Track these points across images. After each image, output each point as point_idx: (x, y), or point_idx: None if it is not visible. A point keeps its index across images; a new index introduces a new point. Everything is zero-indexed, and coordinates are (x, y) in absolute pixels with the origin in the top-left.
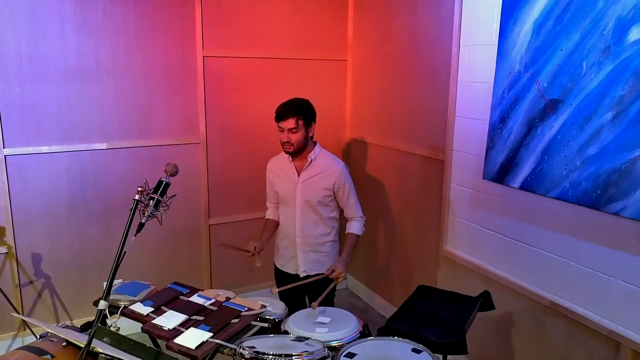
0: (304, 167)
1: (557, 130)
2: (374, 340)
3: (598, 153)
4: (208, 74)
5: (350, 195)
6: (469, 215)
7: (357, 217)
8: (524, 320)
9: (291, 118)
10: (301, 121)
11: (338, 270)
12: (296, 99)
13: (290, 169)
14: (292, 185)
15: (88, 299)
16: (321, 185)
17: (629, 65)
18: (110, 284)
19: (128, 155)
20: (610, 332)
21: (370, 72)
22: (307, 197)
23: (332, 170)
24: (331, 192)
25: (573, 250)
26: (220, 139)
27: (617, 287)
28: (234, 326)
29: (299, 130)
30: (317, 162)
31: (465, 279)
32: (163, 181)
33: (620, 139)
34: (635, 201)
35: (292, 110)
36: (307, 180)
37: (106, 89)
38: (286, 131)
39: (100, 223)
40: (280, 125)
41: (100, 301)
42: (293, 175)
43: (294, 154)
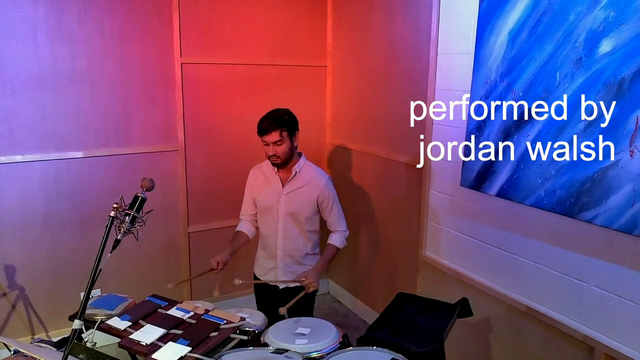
0: (288, 179)
1: (532, 139)
2: (354, 350)
3: (571, 162)
4: (186, 80)
5: (334, 209)
6: (447, 221)
7: (340, 231)
8: (501, 326)
9: (274, 131)
10: (285, 132)
11: (309, 280)
12: (276, 110)
13: (275, 179)
14: (276, 196)
15: (64, 310)
16: (305, 197)
17: (600, 77)
18: (86, 303)
19: (105, 164)
20: (585, 337)
21: (349, 79)
22: (290, 209)
23: (317, 182)
24: (315, 205)
25: (548, 257)
26: (199, 146)
27: (590, 293)
28: (213, 339)
29: (284, 141)
30: (301, 174)
31: (445, 285)
32: (139, 197)
33: (592, 149)
34: (606, 209)
35: (274, 123)
36: (291, 193)
37: (82, 97)
38: (271, 145)
39: (77, 233)
40: (264, 140)
41: (75, 320)
42: (277, 186)
43: (282, 165)
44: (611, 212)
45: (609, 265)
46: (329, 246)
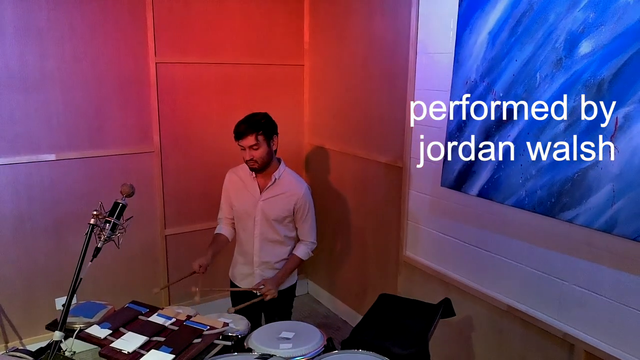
0: (267, 185)
1: (512, 139)
2: (339, 354)
3: (552, 162)
4: (161, 81)
5: (307, 219)
6: (427, 221)
7: (308, 242)
8: (483, 324)
9: (250, 135)
10: (261, 137)
11: (267, 287)
12: (253, 114)
13: (252, 184)
14: (253, 201)
15: (38, 317)
16: (282, 205)
17: (580, 78)
18: (66, 313)
19: (79, 166)
20: (565, 335)
21: (327, 78)
22: (267, 215)
23: (295, 191)
24: (291, 213)
25: (529, 256)
26: (174, 147)
27: (570, 291)
28: (196, 346)
29: (261, 146)
30: (281, 181)
31: (425, 284)
32: (119, 203)
33: (571, 149)
34: (586, 209)
35: (250, 127)
36: (269, 199)
37: (53, 98)
38: (247, 149)
39: (50, 238)
40: (240, 144)
41: (56, 332)
42: (255, 192)
43: (260, 170)
44: (591, 212)
45: (589, 264)
46: (293, 257)
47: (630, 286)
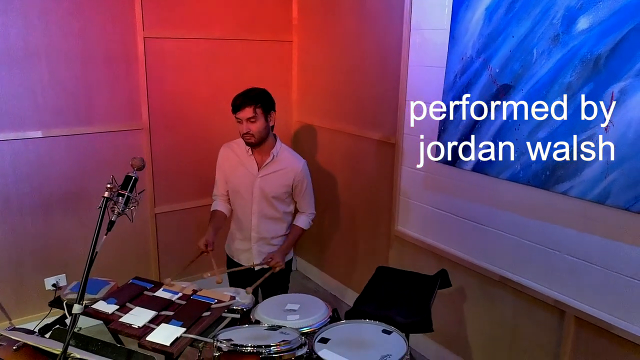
0: (265, 162)
1: (508, 114)
2: (346, 324)
3: (547, 136)
4: (149, 56)
5: (307, 193)
6: (420, 196)
7: (308, 213)
8: (475, 295)
9: (248, 107)
10: (259, 109)
11: (275, 260)
12: (252, 88)
13: (249, 161)
14: (251, 178)
15: (27, 297)
16: (281, 181)
17: (577, 54)
18: (84, 287)
19: (66, 144)
20: (556, 302)
21: (317, 54)
22: (265, 192)
23: (294, 167)
24: (289, 189)
25: (522, 228)
26: (163, 124)
27: (562, 261)
28: (206, 319)
29: (258, 119)
30: (279, 158)
31: (417, 258)
32: (132, 177)
33: (568, 123)
34: (580, 181)
35: (248, 99)
36: (266, 176)
37: (38, 73)
38: (244, 121)
39: (38, 217)
40: (238, 116)
41: (75, 305)
42: (252, 169)
43: (256, 145)
44: (585, 184)
45: (582, 234)
46: (295, 227)
47: (621, 254)
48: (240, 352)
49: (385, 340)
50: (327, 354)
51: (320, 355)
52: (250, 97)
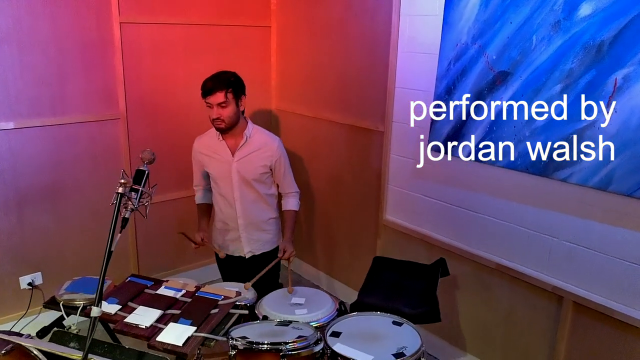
0: (239, 146)
1: (506, 100)
2: (355, 316)
3: (547, 123)
4: (126, 42)
5: (287, 171)
6: (409, 185)
7: (293, 192)
8: (469, 283)
9: (219, 92)
10: (230, 94)
11: (289, 251)
12: (222, 72)
13: (221, 148)
14: (226, 165)
15: (1, 297)
16: (258, 162)
17: (579, 40)
18: (102, 288)
19: (40, 135)
20: (554, 288)
21: (297, 40)
22: (243, 175)
23: (269, 146)
24: (268, 169)
25: (519, 215)
26: (141, 113)
27: (560, 247)
28: (215, 317)
29: (229, 104)
30: (252, 139)
31: (407, 247)
32: (145, 171)
33: (569, 110)
34: (581, 168)
35: (219, 83)
36: (243, 159)
37: (9, 61)
38: (215, 107)
39: (12, 213)
40: (208, 101)
41: (93, 308)
42: (226, 155)
43: (226, 130)
44: (586, 170)
45: (580, 220)
46: (288, 213)
47: (622, 239)
48: (256, 350)
49: (398, 332)
50: (342, 349)
51: (335, 350)
52: (221, 81)
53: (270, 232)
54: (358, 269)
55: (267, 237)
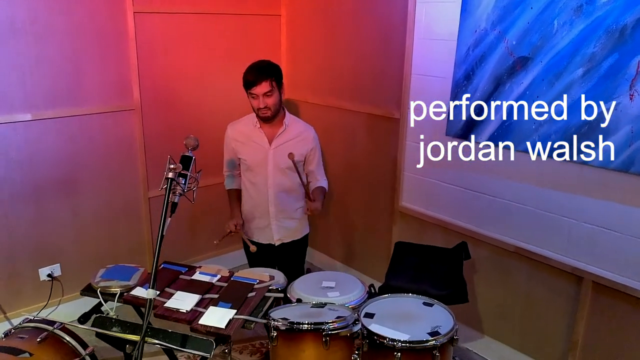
0: (277, 134)
1: (526, 86)
2: (386, 298)
3: (568, 107)
4: (139, 32)
5: (319, 162)
6: (426, 171)
7: (322, 180)
8: (486, 266)
9: (264, 82)
10: (274, 82)
11: (314, 206)
12: (261, 61)
13: (258, 135)
14: (263, 152)
15: (21, 289)
16: (295, 151)
17: (602, 24)
18: (155, 273)
19: (56, 127)
20: (574, 269)
21: (309, 28)
22: (279, 164)
23: (306, 135)
24: (302, 158)
25: (538, 199)
26: (155, 103)
27: (580, 229)
28: (252, 300)
29: (274, 92)
30: (289, 127)
31: (424, 232)
32: (191, 157)
33: (591, 94)
34: (602, 151)
35: (263, 73)
36: (279, 147)
37: (26, 52)
38: (261, 96)
39: (30, 205)
40: (253, 92)
41: (149, 290)
42: (263, 142)
43: (271, 119)
44: (607, 152)
45: (601, 202)
46: (318, 187)
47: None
48: (297, 330)
49: (429, 312)
50: (378, 328)
51: (371, 330)
52: (264, 71)
53: (300, 221)
54: (374, 256)
55: (297, 225)
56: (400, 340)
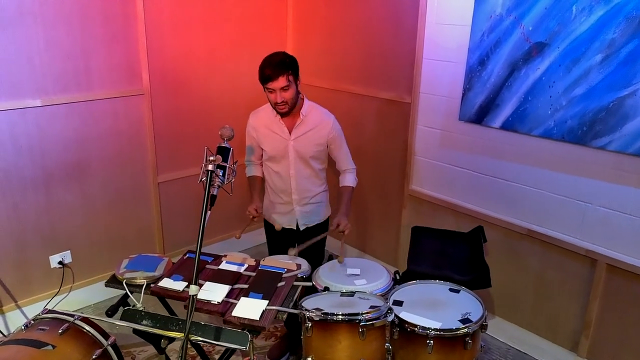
0: (295, 124)
1: (542, 72)
2: (413, 285)
3: (585, 93)
4: (147, 13)
5: (342, 147)
6: (437, 155)
7: (350, 169)
8: (498, 248)
9: (281, 76)
10: (291, 77)
11: (343, 223)
12: (275, 54)
13: (279, 126)
14: (283, 143)
15: (31, 277)
16: (314, 140)
17: (621, 10)
18: (197, 267)
19: (66, 112)
20: (587, 252)
21: (316, 10)
22: (300, 153)
23: (325, 124)
24: (324, 147)
25: (552, 182)
26: (164, 87)
27: (594, 212)
28: (282, 290)
29: (291, 86)
30: (308, 117)
31: (434, 216)
32: (229, 148)
33: (609, 79)
34: (621, 135)
35: (279, 68)
36: (299, 137)
37: (34, 36)
38: (278, 91)
39: (40, 191)
40: (270, 87)
41: (191, 286)
42: (283, 133)
43: (289, 112)
44: (626, 138)
45: (616, 186)
46: (345, 188)
47: None
48: (332, 320)
49: (457, 299)
50: (409, 316)
51: (403, 318)
52: (280, 65)
53: (322, 205)
54: (384, 240)
55: (318, 209)
56: (432, 328)
